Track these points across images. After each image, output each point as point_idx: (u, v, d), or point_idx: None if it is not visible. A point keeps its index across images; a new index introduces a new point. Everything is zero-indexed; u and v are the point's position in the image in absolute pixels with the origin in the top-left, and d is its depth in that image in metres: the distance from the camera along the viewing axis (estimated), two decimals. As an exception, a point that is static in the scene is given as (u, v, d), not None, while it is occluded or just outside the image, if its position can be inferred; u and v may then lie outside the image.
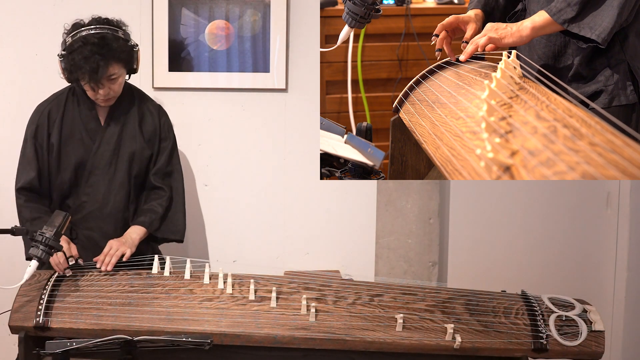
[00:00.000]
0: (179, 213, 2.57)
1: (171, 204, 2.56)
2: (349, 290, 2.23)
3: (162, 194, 2.54)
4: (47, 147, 2.45)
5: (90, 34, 2.32)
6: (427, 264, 3.21)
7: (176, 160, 2.62)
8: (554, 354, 2.15)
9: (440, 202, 3.19)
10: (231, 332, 2.10)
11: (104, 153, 2.48)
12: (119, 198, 2.50)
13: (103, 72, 2.32)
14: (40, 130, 2.45)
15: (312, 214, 3.19)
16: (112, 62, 2.34)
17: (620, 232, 3.11)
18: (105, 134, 2.48)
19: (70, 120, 2.47)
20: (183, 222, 2.58)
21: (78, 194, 2.49)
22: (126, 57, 2.39)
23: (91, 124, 2.48)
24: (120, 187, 2.50)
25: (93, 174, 2.48)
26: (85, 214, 2.49)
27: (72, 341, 1.86)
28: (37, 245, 2.08)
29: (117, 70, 2.37)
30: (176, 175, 2.60)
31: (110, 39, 2.34)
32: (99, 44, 2.31)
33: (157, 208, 2.51)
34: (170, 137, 2.60)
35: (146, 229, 2.46)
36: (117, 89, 2.42)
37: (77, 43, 2.31)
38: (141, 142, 2.52)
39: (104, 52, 2.31)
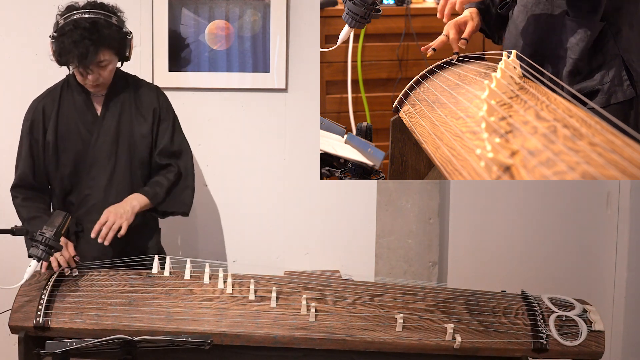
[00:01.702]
0: (188, 188, 2.51)
1: (179, 180, 2.50)
2: (349, 290, 2.23)
3: (170, 169, 2.49)
4: (42, 142, 2.42)
5: (82, 18, 2.27)
6: (427, 264, 3.21)
7: (181, 138, 2.55)
8: (554, 354, 2.15)
9: (440, 202, 3.19)
10: (231, 332, 2.10)
11: (102, 145, 2.44)
12: (121, 189, 2.45)
13: (92, 58, 2.27)
14: (36, 126, 2.43)
15: (312, 214, 3.19)
16: (102, 48, 2.29)
17: (620, 232, 3.11)
18: (102, 125, 2.45)
19: (66, 115, 2.44)
20: (190, 197, 2.52)
21: (80, 187, 2.46)
22: (117, 44, 2.34)
23: (87, 116, 2.45)
24: (123, 177, 2.46)
25: (94, 166, 2.45)
26: (89, 207, 2.45)
27: (72, 341, 1.86)
28: (37, 245, 2.07)
29: (108, 56, 2.33)
30: (185, 154, 2.54)
31: (102, 25, 2.29)
32: (89, 28, 2.26)
33: (163, 181, 2.46)
34: (170, 117, 2.54)
35: (149, 199, 2.41)
36: (107, 75, 2.38)
37: (67, 26, 2.26)
38: (140, 129, 2.47)
39: (94, 38, 2.26)
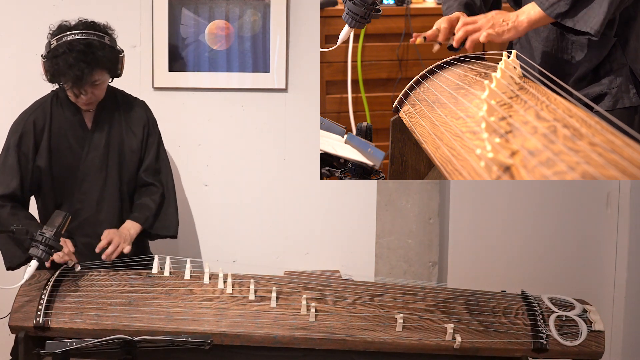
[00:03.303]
0: (171, 208, 2.55)
1: (163, 200, 2.53)
2: (349, 290, 2.23)
3: (154, 190, 2.52)
4: (32, 156, 2.41)
5: (75, 40, 2.26)
6: (427, 264, 3.21)
7: (164, 155, 2.59)
8: (554, 354, 2.15)
9: (440, 202, 3.19)
10: (231, 332, 2.10)
11: (93, 159, 2.45)
12: (112, 203, 2.48)
13: (87, 80, 2.28)
14: (25, 140, 2.41)
15: (312, 214, 3.18)
16: (96, 69, 2.30)
17: (620, 232, 3.11)
18: (92, 139, 2.46)
19: (57, 129, 2.43)
20: (175, 217, 2.56)
21: (72, 201, 2.46)
22: (111, 63, 2.35)
23: (78, 131, 2.45)
24: (113, 191, 2.48)
25: (85, 180, 2.45)
26: (81, 221, 2.46)
27: (72, 341, 1.86)
28: (37, 245, 2.07)
29: (101, 76, 2.34)
30: (165, 171, 2.57)
31: (96, 46, 2.29)
32: (84, 51, 2.26)
33: (151, 204, 2.49)
34: (156, 132, 2.57)
35: (141, 225, 2.45)
36: (100, 93, 2.39)
37: (61, 48, 2.26)
38: (130, 144, 2.49)
39: (89, 60, 2.26)
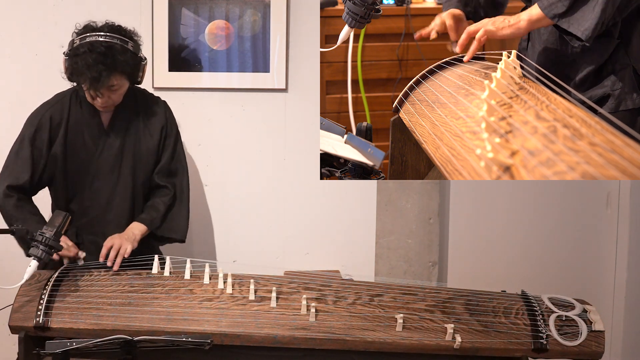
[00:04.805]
0: (183, 211, 2.52)
1: (174, 202, 2.50)
2: (349, 290, 2.23)
3: (166, 192, 2.50)
4: (46, 152, 2.40)
5: (98, 41, 2.24)
6: (427, 264, 3.21)
7: (180, 156, 2.55)
8: (554, 354, 2.15)
9: (440, 202, 3.19)
10: (231, 332, 2.10)
11: (107, 159, 2.45)
12: (122, 203, 2.47)
13: (104, 82, 2.25)
14: (40, 134, 2.40)
15: (312, 214, 3.18)
16: (115, 73, 2.27)
17: (620, 232, 3.11)
18: (107, 139, 2.44)
19: (74, 125, 2.42)
20: (185, 221, 2.53)
21: (82, 198, 2.47)
22: (131, 69, 2.32)
23: (94, 129, 2.44)
24: (124, 192, 2.47)
25: (97, 179, 2.45)
26: (90, 219, 2.47)
27: (72, 341, 1.86)
28: (37, 245, 2.07)
29: (119, 81, 2.31)
30: (181, 173, 2.54)
31: (118, 50, 2.26)
32: (105, 53, 2.23)
33: (160, 206, 2.47)
34: (174, 133, 2.54)
35: (147, 226, 2.43)
36: (117, 98, 2.37)
37: (83, 47, 2.24)
38: (147, 145, 2.48)
39: (108, 62, 2.23)
